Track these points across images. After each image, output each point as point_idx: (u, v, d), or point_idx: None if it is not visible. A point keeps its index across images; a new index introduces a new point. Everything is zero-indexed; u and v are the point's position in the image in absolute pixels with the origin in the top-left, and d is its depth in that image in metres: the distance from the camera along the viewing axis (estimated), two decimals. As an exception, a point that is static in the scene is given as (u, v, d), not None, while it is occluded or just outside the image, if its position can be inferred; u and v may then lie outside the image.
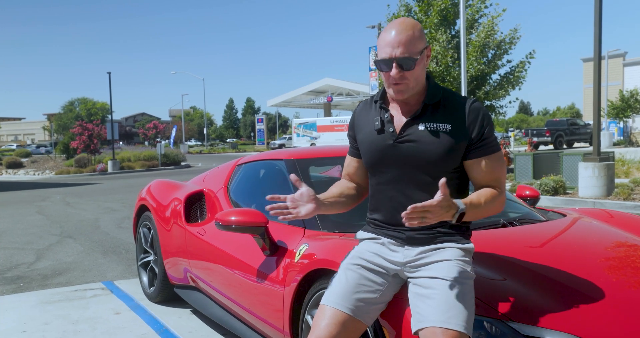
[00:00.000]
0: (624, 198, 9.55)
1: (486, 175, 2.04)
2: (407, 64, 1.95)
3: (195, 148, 54.67)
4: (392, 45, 1.95)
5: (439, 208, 1.79)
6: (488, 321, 1.91)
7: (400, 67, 1.95)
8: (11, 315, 4.16)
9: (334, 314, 1.95)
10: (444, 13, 16.17)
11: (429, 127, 2.01)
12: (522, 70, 16.56)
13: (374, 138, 2.09)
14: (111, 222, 9.13)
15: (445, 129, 2.00)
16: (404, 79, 1.98)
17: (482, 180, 2.05)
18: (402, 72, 1.96)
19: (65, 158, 29.68)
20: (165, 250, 4.13)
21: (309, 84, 48.59)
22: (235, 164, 4.08)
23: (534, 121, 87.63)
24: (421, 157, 2.00)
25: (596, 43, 10.00)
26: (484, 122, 2.02)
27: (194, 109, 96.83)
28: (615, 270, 2.37)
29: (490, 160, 2.04)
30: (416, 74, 1.99)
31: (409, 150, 2.01)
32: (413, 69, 1.97)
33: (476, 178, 2.06)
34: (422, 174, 2.02)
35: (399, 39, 1.95)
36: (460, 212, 1.87)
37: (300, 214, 1.99)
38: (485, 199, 1.98)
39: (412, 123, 2.03)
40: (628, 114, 33.39)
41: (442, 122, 2.01)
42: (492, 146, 2.04)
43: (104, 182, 19.30)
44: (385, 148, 2.06)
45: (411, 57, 1.95)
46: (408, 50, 1.94)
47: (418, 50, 1.96)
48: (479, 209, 1.94)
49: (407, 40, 1.94)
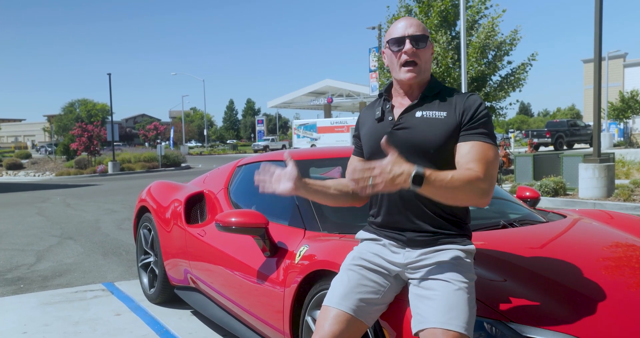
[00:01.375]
0: (624, 199, 9.55)
1: (462, 158, 1.92)
2: (420, 41, 2.03)
3: (195, 149, 54.63)
4: (404, 27, 2.05)
5: (385, 167, 1.69)
6: (488, 322, 1.91)
7: (413, 42, 2.02)
8: (11, 316, 4.16)
9: (337, 315, 1.96)
10: (444, 14, 16.17)
11: (425, 114, 2.04)
12: (523, 72, 16.55)
13: (374, 127, 2.13)
14: (111, 223, 9.13)
15: (441, 116, 2.02)
16: (416, 57, 2.03)
17: (467, 159, 1.91)
18: (415, 49, 2.02)
19: (65, 159, 29.69)
20: (165, 251, 4.13)
21: (309, 85, 48.60)
22: (235, 165, 4.08)
23: (534, 122, 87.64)
24: (416, 144, 2.01)
25: (596, 44, 10.00)
26: (478, 109, 1.99)
27: (194, 110, 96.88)
28: (615, 271, 2.37)
29: (478, 147, 1.93)
30: (426, 56, 2.06)
31: (404, 136, 2.03)
32: (425, 47, 2.04)
33: (457, 161, 1.94)
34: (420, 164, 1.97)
35: (410, 22, 2.06)
36: (414, 175, 1.71)
37: (276, 190, 2.03)
38: (453, 175, 1.80)
39: (409, 110, 2.07)
40: (628, 115, 33.39)
41: (438, 110, 2.04)
42: (482, 134, 1.96)
43: (104, 184, 19.30)
44: (382, 136, 2.03)
45: (424, 35, 2.04)
46: (420, 30, 2.04)
47: (428, 34, 2.06)
48: (443, 182, 1.76)
49: (418, 24, 2.06)
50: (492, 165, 1.91)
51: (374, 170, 1.71)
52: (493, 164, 1.92)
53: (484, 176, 1.86)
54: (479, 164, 1.89)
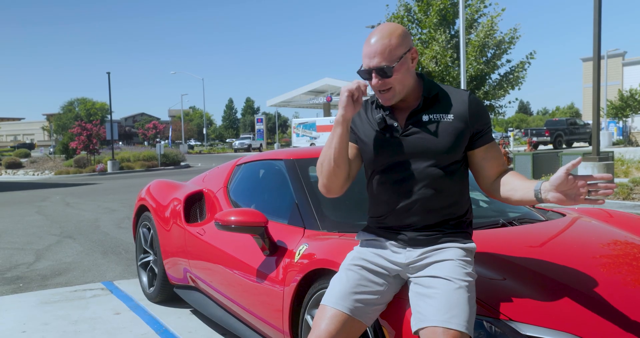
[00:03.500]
0: (623, 197, 9.55)
1: (496, 161, 2.11)
2: (384, 73, 1.98)
3: (194, 148, 54.50)
4: (369, 56, 1.99)
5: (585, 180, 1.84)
6: (488, 321, 1.91)
7: (380, 74, 1.98)
8: (11, 315, 4.16)
9: (334, 314, 1.96)
10: (443, 13, 16.18)
11: (433, 117, 2.04)
12: (522, 70, 16.56)
13: (377, 136, 2.08)
14: (111, 222, 9.13)
15: (448, 118, 2.04)
16: (387, 86, 2.01)
17: (495, 166, 2.11)
18: (382, 79, 1.99)
19: (64, 158, 29.65)
20: (164, 250, 4.13)
21: (309, 84, 48.53)
22: (234, 164, 4.08)
23: (533, 121, 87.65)
24: (429, 148, 2.02)
25: (595, 43, 10.00)
26: (485, 112, 2.10)
27: (193, 109, 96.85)
28: (614, 269, 2.38)
29: (494, 147, 2.12)
30: (399, 79, 2.01)
31: (417, 141, 2.03)
32: (392, 76, 1.99)
33: (487, 166, 2.11)
34: (429, 167, 2.02)
35: (374, 49, 1.98)
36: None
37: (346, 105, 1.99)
38: (522, 178, 2.06)
39: (415, 114, 2.06)
40: (627, 114, 33.39)
41: (445, 113, 2.04)
42: (491, 134, 2.13)
43: (103, 182, 19.29)
44: (392, 143, 2.06)
45: (388, 66, 1.97)
46: (384, 59, 1.96)
47: (396, 57, 1.97)
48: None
49: (383, 49, 1.96)
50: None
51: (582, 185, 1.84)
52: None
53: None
54: (504, 168, 2.15)
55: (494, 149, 2.12)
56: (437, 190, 2.02)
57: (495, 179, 2.11)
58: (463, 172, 2.11)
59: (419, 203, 2.03)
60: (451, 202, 2.06)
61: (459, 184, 2.08)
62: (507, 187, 2.04)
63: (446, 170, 2.04)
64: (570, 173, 1.82)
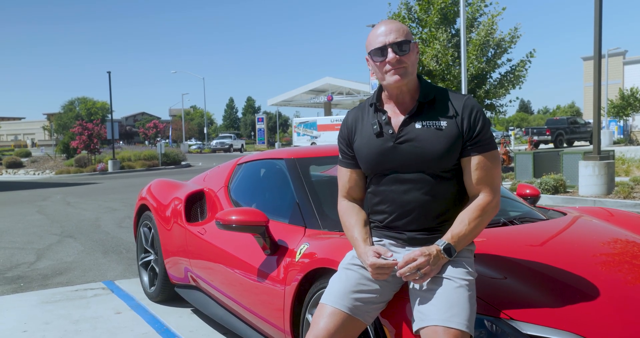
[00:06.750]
0: (624, 196, 9.55)
1: (479, 174, 1.99)
2: (402, 47, 1.97)
3: (195, 147, 54.44)
4: (384, 34, 1.98)
5: (426, 261, 1.87)
6: (489, 320, 1.91)
7: (396, 50, 1.96)
8: (12, 315, 4.16)
9: (333, 313, 1.96)
10: (444, 11, 16.15)
11: (426, 125, 2.01)
12: (523, 69, 16.55)
13: (373, 142, 2.06)
14: (112, 221, 9.13)
15: (441, 126, 1.99)
16: (402, 63, 1.98)
17: (475, 179, 2.00)
18: (399, 56, 1.97)
19: (65, 158, 29.66)
20: (165, 249, 4.13)
21: (310, 83, 48.59)
22: (235, 163, 4.08)
23: (534, 120, 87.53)
24: (420, 156, 1.99)
25: (596, 41, 9.99)
26: (477, 118, 2.00)
27: (194, 108, 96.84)
28: (616, 268, 2.38)
29: (484, 158, 2.00)
30: (412, 59, 2.00)
31: (408, 148, 2.01)
32: (409, 52, 1.98)
33: (469, 177, 2.01)
34: (421, 174, 2.01)
35: (389, 28, 1.99)
36: (444, 250, 1.91)
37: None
38: (469, 220, 1.96)
39: (409, 122, 2.03)
40: (628, 113, 33.37)
41: (438, 120, 2.00)
42: (486, 144, 2.01)
43: (104, 182, 19.30)
44: (385, 150, 2.04)
45: (406, 39, 1.97)
46: (401, 35, 1.98)
47: (411, 36, 2.00)
48: (467, 236, 1.96)
49: (398, 28, 1.99)
50: (497, 174, 2.04)
51: (419, 264, 1.87)
52: (497, 172, 2.04)
53: (493, 195, 2.01)
54: (491, 180, 2.01)
55: (483, 161, 1.99)
56: (432, 196, 2.01)
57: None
58: (459, 176, 2.07)
59: (415, 209, 2.02)
60: (449, 206, 2.05)
61: (455, 189, 2.05)
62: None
63: (441, 176, 2.01)
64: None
